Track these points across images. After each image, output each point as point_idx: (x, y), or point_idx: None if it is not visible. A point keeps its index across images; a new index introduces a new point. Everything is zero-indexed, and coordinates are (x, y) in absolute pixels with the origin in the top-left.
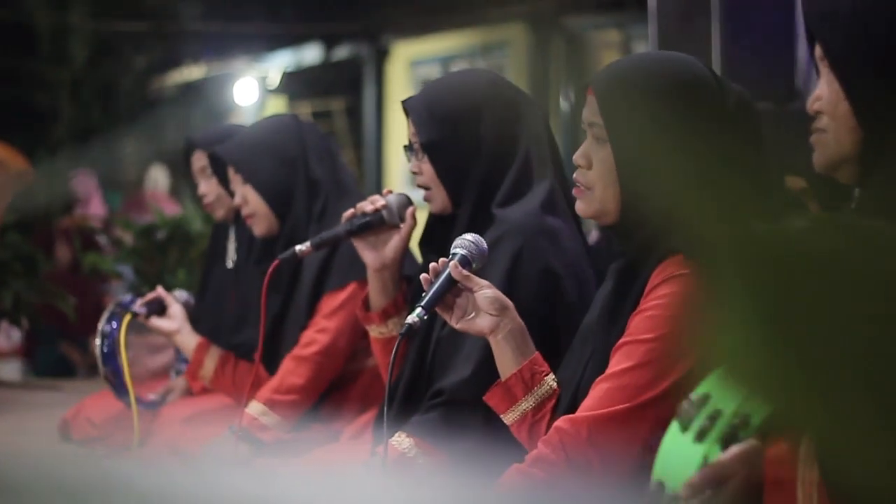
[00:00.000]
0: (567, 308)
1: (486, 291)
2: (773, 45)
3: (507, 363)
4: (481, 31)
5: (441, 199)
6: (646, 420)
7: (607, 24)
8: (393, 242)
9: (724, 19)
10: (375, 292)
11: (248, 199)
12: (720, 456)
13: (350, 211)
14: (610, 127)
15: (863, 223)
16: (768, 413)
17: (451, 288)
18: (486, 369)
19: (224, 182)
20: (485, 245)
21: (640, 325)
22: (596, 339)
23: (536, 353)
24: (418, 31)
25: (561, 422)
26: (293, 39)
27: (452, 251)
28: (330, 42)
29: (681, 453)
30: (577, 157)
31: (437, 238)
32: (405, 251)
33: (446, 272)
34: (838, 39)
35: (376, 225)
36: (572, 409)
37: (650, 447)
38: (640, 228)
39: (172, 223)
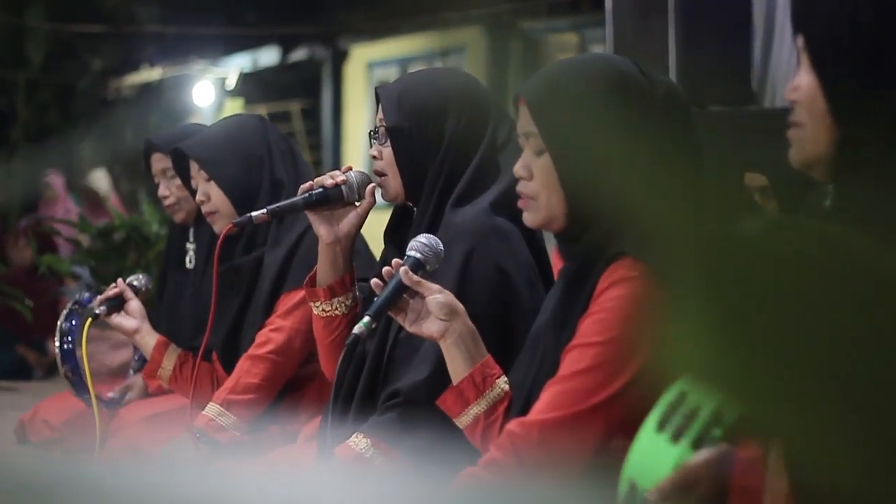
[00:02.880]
0: (520, 307)
1: (436, 297)
2: (729, 49)
3: (457, 367)
4: (439, 33)
5: (395, 187)
6: (596, 423)
7: (564, 27)
8: (349, 218)
9: (681, 23)
10: (324, 267)
11: (212, 196)
12: (690, 461)
13: (308, 183)
14: (545, 135)
15: (818, 225)
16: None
17: (402, 293)
18: (443, 372)
19: (187, 183)
20: (439, 245)
21: (590, 327)
22: (546, 342)
23: (488, 355)
24: (376, 34)
25: (512, 425)
26: (251, 41)
27: (407, 254)
28: (288, 44)
29: (654, 453)
30: (518, 169)
31: (401, 230)
32: (360, 228)
33: (397, 278)
34: (821, 34)
35: (334, 199)
36: (524, 411)
37: (602, 450)
38: (588, 232)
39: (130, 225)
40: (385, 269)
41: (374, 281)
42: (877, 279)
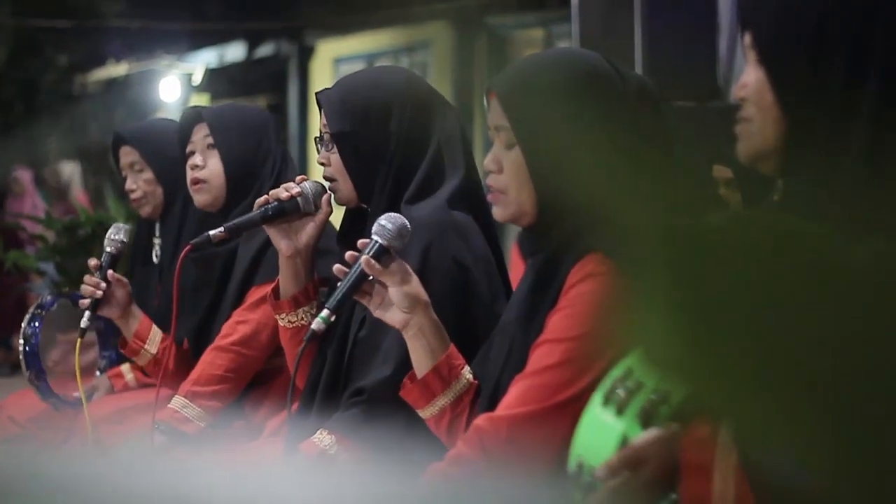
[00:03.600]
0: (479, 300)
1: (398, 288)
2: (694, 44)
3: (419, 358)
4: (405, 29)
5: (346, 192)
6: (565, 418)
7: (530, 23)
8: (307, 229)
9: (647, 18)
10: (286, 279)
11: (209, 164)
12: (638, 439)
13: (264, 197)
14: (516, 128)
15: (780, 218)
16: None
17: (365, 281)
18: (407, 368)
19: (160, 178)
20: (403, 222)
21: (559, 323)
22: (514, 337)
23: (452, 346)
24: (342, 30)
25: (480, 420)
26: (217, 37)
27: (371, 238)
28: (254, 39)
29: (600, 427)
30: (488, 163)
31: (354, 234)
32: (319, 238)
33: (358, 268)
34: (768, 29)
35: (291, 212)
36: (492, 407)
37: (570, 445)
38: (555, 226)
39: (95, 220)
40: (349, 253)
41: (338, 267)
42: (828, 267)
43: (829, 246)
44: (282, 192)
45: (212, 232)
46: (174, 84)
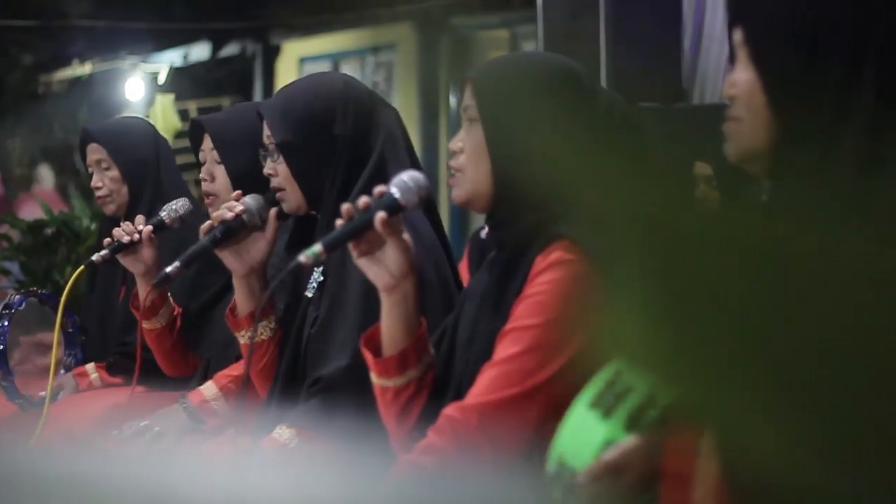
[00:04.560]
0: (430, 292)
1: (399, 251)
2: (659, 46)
3: (395, 326)
4: (370, 30)
5: (295, 200)
6: (535, 405)
7: (495, 24)
8: (259, 246)
9: (612, 20)
10: (242, 297)
11: (217, 178)
12: (621, 445)
13: (208, 222)
14: (480, 105)
15: (761, 214)
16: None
17: (367, 231)
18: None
19: (126, 176)
20: (425, 182)
21: (526, 310)
22: (480, 325)
23: (422, 320)
24: (308, 30)
25: (450, 409)
26: (182, 36)
27: (388, 190)
28: (219, 39)
29: (584, 429)
30: (452, 144)
31: (305, 242)
32: (270, 253)
33: (367, 217)
34: (762, 28)
35: (238, 230)
36: (459, 396)
37: (540, 432)
38: (519, 214)
39: (60, 220)
40: (362, 199)
41: (347, 206)
42: (814, 270)
43: (817, 248)
44: (225, 212)
45: (168, 270)
46: (139, 84)
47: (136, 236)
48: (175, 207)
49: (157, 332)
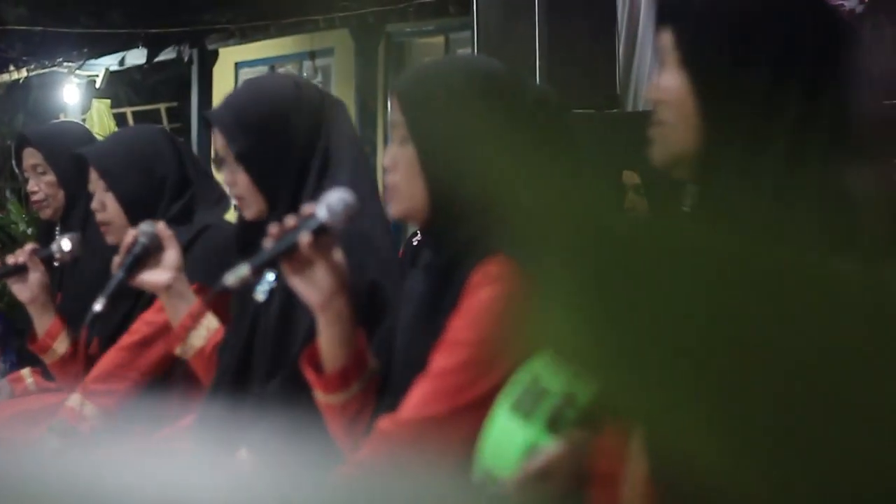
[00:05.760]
0: (389, 310)
1: (327, 272)
2: (595, 52)
3: (332, 344)
4: (307, 35)
5: (257, 207)
6: (468, 422)
7: (431, 31)
8: (167, 260)
9: (547, 26)
10: (172, 310)
11: (108, 206)
12: (548, 448)
13: (117, 258)
14: (410, 122)
15: (687, 221)
16: (594, 393)
17: (294, 252)
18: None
19: (62, 181)
20: (352, 203)
21: (461, 324)
22: (414, 339)
23: (361, 333)
24: (244, 35)
25: (383, 423)
26: (118, 41)
27: (315, 211)
28: (155, 44)
29: (507, 434)
30: (385, 161)
31: (250, 245)
32: (182, 262)
33: (292, 239)
34: (692, 33)
35: (144, 255)
36: (393, 409)
37: (474, 447)
38: (455, 227)
39: None
40: (289, 219)
41: (274, 227)
42: (739, 271)
43: (742, 250)
44: (125, 244)
45: (96, 308)
46: (76, 88)
47: (22, 260)
48: (64, 246)
49: (196, 356)
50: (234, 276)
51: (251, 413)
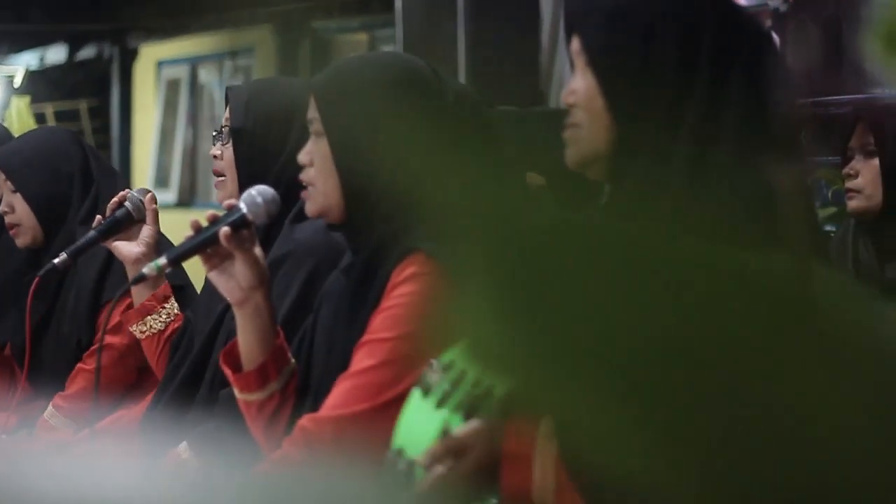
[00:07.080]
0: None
1: (246, 266)
2: (518, 49)
3: (250, 340)
4: (229, 33)
5: (231, 189)
6: (390, 418)
7: (354, 27)
8: (144, 234)
9: (470, 22)
10: (137, 290)
11: (16, 208)
12: (461, 428)
13: (98, 217)
14: (324, 118)
15: (608, 219)
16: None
17: (213, 245)
18: None
19: None
20: (273, 198)
21: (382, 323)
22: (336, 337)
23: (279, 331)
24: (165, 33)
25: (304, 421)
26: (38, 38)
27: (237, 205)
28: (75, 42)
29: (421, 420)
30: (301, 157)
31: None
32: (157, 238)
33: (212, 233)
34: (597, 36)
35: (124, 221)
36: (315, 407)
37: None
38: (372, 225)
39: None
40: (210, 213)
41: (194, 221)
42: (648, 266)
43: (652, 247)
44: (112, 206)
45: (56, 261)
46: None
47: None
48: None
49: (149, 339)
50: (151, 267)
51: (199, 410)
